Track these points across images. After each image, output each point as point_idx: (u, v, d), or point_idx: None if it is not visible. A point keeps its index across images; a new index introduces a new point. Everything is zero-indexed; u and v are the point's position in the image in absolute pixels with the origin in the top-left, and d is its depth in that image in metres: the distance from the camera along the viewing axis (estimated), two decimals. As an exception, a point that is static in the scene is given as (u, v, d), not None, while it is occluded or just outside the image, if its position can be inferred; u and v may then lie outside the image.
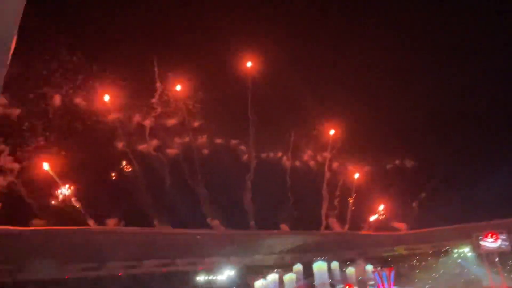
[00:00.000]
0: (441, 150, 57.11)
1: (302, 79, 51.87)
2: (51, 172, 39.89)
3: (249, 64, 50.28)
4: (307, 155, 58.53)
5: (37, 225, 36.50)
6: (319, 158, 58.58)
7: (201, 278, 46.42)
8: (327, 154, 58.09)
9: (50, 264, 36.31)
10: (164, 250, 42.41)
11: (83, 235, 37.91)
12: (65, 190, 40.97)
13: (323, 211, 56.51)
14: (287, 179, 55.32)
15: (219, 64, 48.93)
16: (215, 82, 50.36)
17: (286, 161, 56.29)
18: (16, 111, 39.75)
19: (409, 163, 60.54)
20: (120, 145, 46.38)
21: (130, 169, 46.52)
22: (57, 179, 40.48)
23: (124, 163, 46.47)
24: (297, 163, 57.62)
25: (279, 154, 56.78)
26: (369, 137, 57.25)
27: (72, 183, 41.48)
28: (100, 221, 41.45)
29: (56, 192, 40.83)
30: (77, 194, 41.60)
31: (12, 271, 35.05)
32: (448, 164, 56.77)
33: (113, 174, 46.60)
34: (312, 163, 58.62)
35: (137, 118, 48.35)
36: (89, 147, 43.53)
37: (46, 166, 39.67)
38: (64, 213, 39.89)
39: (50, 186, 40.49)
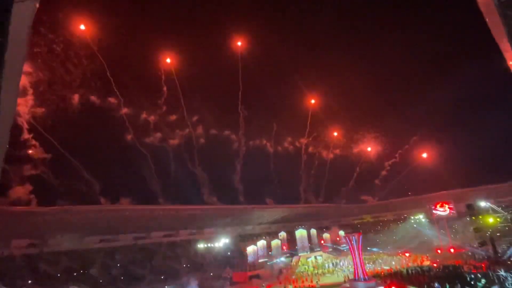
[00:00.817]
0: (398, 136, 58.37)
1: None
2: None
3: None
4: (287, 142, 59.09)
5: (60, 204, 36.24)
6: (297, 144, 59.34)
7: (201, 245, 47.02)
8: (303, 140, 58.89)
9: (72, 237, 36.37)
10: (168, 223, 42.59)
11: (99, 212, 37.79)
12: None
13: (302, 187, 57.62)
14: (270, 162, 56.16)
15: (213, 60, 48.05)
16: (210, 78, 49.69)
17: (270, 147, 56.89)
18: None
19: (372, 147, 61.63)
20: (128, 136, 45.80)
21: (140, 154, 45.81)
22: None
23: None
24: (279, 148, 58.24)
25: (264, 141, 57.18)
26: (339, 123, 58.33)
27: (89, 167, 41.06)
28: (113, 200, 41.57)
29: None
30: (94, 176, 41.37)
31: (39, 245, 34.94)
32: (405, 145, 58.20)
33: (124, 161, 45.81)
34: (291, 148, 59.24)
35: (143, 114, 47.74)
36: (102, 139, 42.76)
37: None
38: (82, 193, 39.71)
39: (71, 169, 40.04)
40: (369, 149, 60.95)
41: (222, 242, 48.07)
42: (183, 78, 48.13)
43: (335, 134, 59.85)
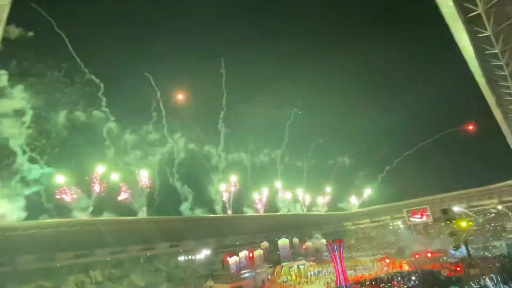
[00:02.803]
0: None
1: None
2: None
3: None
4: (263, 154, 59.52)
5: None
6: (273, 155, 59.97)
7: (181, 258, 45.78)
8: (278, 152, 59.57)
9: (42, 254, 34.35)
10: (146, 236, 41.24)
11: (74, 226, 36.01)
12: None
13: (280, 197, 57.95)
14: (247, 174, 56.27)
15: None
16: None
17: (247, 160, 57.03)
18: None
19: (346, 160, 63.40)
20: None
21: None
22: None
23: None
24: (256, 160, 58.50)
25: (242, 154, 57.37)
26: (315, 137, 59.87)
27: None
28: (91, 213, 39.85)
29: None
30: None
31: (8, 263, 32.64)
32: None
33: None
34: (267, 160, 59.68)
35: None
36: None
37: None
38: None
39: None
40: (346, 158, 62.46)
41: (203, 254, 47.07)
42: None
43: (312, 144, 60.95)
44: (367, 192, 62.66)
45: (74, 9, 42.53)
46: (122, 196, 41.89)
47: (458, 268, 29.73)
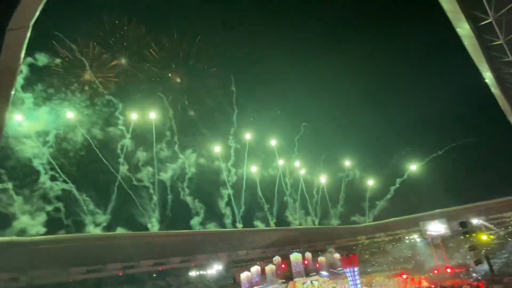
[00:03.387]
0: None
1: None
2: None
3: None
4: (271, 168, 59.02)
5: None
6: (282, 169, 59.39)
7: (193, 273, 45.35)
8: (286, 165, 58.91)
9: (56, 268, 34.66)
10: (159, 250, 41.22)
11: (86, 241, 36.36)
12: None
13: (293, 210, 57.20)
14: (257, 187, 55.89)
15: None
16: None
17: (256, 175, 56.66)
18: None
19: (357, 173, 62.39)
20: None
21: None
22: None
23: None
24: (266, 174, 58.08)
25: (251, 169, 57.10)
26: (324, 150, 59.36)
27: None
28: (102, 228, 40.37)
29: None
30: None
31: (21, 279, 33.02)
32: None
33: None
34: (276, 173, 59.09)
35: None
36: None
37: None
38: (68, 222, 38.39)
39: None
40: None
41: (214, 269, 46.52)
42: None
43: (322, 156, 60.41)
44: (380, 204, 61.32)
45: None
46: None
47: (480, 285, 28.45)
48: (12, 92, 12.00)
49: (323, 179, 60.70)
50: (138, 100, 47.85)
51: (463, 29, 14.87)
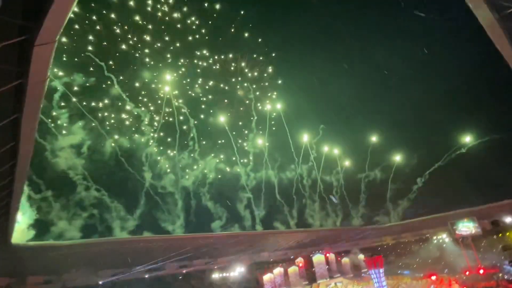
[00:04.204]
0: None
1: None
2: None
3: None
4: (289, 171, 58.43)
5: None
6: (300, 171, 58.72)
7: (216, 275, 45.79)
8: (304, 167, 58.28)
9: (86, 272, 36.06)
10: (183, 253, 41.89)
11: (113, 245, 37.63)
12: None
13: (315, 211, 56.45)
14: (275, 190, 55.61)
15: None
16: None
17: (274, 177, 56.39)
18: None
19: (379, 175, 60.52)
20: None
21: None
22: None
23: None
24: (283, 176, 57.61)
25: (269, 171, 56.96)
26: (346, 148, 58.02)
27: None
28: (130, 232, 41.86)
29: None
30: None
31: (55, 281, 34.71)
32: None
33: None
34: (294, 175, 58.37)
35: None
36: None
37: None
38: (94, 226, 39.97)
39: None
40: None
41: (237, 271, 46.72)
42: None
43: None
44: (405, 204, 59.28)
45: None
46: None
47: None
48: (41, 105, 12.63)
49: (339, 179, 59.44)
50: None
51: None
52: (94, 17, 42.32)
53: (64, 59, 40.04)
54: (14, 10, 9.24)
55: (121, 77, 44.94)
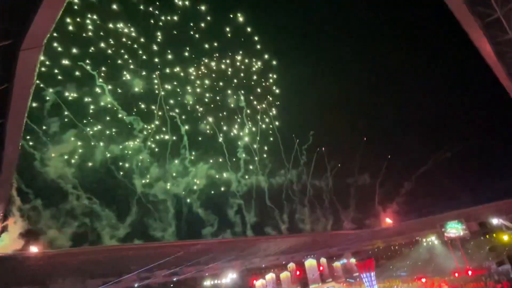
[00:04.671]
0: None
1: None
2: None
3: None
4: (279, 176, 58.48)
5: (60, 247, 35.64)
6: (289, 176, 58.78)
7: (207, 283, 45.21)
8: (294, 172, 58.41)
9: (73, 282, 35.13)
10: (172, 260, 41.29)
11: (101, 253, 36.81)
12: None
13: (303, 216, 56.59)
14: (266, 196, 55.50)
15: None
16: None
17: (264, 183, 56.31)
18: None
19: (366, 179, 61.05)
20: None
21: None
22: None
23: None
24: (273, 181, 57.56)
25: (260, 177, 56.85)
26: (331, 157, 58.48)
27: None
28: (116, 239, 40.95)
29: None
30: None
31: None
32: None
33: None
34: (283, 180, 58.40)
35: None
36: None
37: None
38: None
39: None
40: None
41: (229, 278, 46.27)
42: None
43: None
44: (394, 207, 59.93)
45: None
46: None
47: (505, 286, 27.42)
48: (27, 110, 12.42)
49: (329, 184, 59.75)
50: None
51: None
52: (83, 21, 41.87)
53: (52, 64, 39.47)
54: (0, 15, 9.12)
55: (111, 86, 44.53)
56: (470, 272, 39.19)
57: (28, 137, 37.15)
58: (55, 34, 38.68)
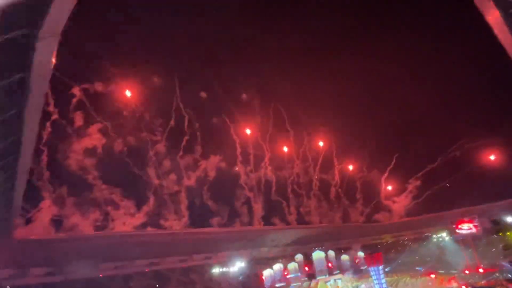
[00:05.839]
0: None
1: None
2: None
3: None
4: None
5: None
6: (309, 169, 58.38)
7: (215, 270, 46.09)
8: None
9: (87, 265, 36.37)
10: (182, 247, 42.24)
11: (114, 239, 37.92)
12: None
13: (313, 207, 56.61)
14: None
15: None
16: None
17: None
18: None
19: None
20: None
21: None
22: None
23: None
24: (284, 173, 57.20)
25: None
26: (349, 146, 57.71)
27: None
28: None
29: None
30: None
31: (56, 273, 35.00)
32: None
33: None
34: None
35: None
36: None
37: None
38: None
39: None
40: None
41: (237, 266, 47.02)
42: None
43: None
44: (405, 202, 59.29)
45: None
46: None
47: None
48: (44, 99, 12.67)
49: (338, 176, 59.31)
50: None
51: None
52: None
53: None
54: (17, 4, 9.21)
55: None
56: (481, 270, 38.72)
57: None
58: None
